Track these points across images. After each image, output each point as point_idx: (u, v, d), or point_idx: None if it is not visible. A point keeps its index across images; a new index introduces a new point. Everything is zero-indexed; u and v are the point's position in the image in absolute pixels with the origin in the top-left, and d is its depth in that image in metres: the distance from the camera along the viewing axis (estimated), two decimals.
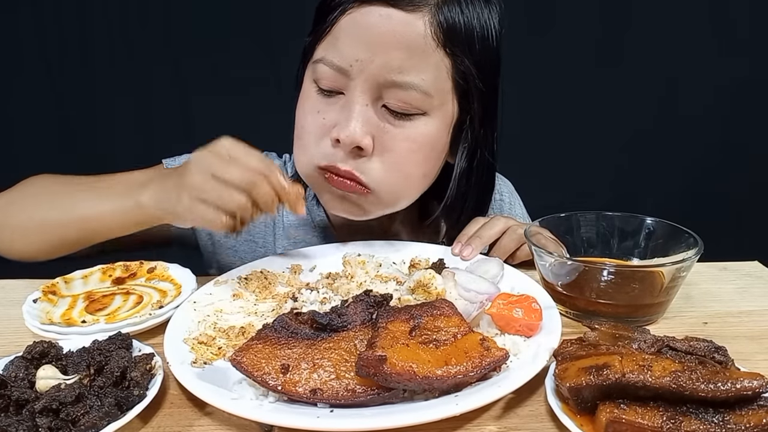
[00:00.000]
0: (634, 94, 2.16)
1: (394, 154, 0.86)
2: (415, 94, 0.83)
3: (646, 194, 2.19)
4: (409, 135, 0.86)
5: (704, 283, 0.89)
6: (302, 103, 0.90)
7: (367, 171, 0.86)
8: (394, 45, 0.80)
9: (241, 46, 2.05)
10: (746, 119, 2.22)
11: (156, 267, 0.91)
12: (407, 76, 0.82)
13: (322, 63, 0.84)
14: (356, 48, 0.81)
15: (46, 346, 0.64)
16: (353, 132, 0.82)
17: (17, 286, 0.92)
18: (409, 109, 0.84)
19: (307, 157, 0.89)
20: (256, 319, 0.76)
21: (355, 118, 0.82)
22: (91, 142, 2.14)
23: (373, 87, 0.83)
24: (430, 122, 0.86)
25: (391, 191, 0.89)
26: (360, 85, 0.82)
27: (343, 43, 0.83)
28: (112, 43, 2.07)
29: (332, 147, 0.85)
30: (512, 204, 1.19)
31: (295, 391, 0.57)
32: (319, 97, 0.87)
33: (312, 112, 0.88)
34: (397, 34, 0.80)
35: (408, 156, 0.87)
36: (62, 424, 0.54)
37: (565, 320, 0.74)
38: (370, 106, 0.84)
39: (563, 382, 0.55)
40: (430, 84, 0.83)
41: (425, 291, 0.75)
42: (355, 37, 0.82)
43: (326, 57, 0.84)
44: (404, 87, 0.82)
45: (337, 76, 0.84)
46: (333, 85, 0.85)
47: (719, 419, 0.50)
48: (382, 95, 0.83)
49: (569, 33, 2.08)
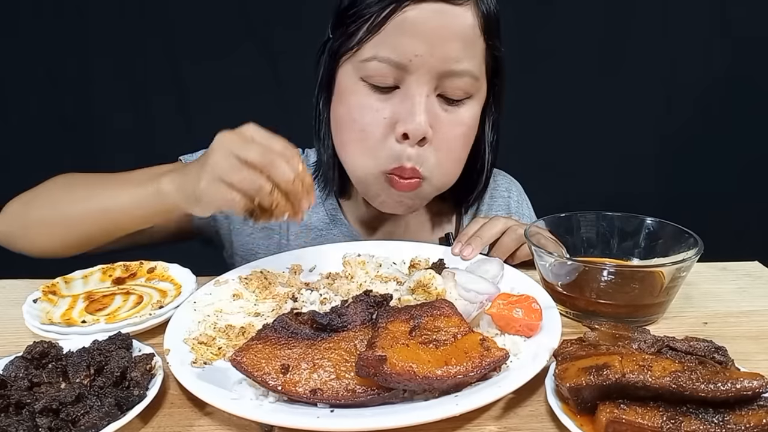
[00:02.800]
0: (634, 95, 2.16)
1: (447, 140, 0.92)
2: (468, 80, 0.90)
3: (646, 194, 2.19)
4: (460, 119, 0.93)
5: (704, 283, 0.89)
6: (351, 103, 0.92)
7: (425, 161, 0.91)
8: (449, 37, 0.86)
9: (241, 45, 2.05)
10: (746, 119, 2.22)
11: (156, 267, 0.91)
12: (462, 64, 0.88)
13: (376, 60, 0.88)
14: (415, 43, 0.86)
15: (46, 346, 0.64)
16: (420, 124, 0.87)
17: (17, 286, 0.92)
18: (463, 95, 0.92)
19: (372, 161, 0.92)
20: (256, 319, 0.76)
21: (420, 110, 0.88)
22: (92, 142, 2.14)
23: (432, 78, 0.88)
24: (475, 104, 0.95)
25: (443, 175, 0.96)
26: (420, 77, 0.87)
27: (399, 40, 0.86)
28: (112, 43, 2.07)
29: (398, 144, 0.90)
30: (520, 203, 1.20)
31: (295, 391, 0.57)
32: (374, 95, 0.90)
33: (369, 110, 0.91)
34: (451, 27, 0.86)
35: (459, 139, 0.95)
36: (62, 424, 0.54)
37: (565, 320, 0.74)
38: (430, 96, 0.89)
39: (563, 382, 0.55)
40: (479, 69, 0.92)
41: (425, 291, 0.75)
42: (412, 33, 0.86)
43: (380, 54, 0.88)
44: (460, 74, 0.89)
45: (394, 72, 0.88)
46: (389, 80, 0.89)
47: (719, 419, 0.50)
48: (439, 85, 0.89)
49: (570, 34, 2.08)
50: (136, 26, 2.06)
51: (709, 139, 2.22)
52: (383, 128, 0.90)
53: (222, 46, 2.05)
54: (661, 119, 2.22)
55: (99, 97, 2.12)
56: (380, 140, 0.90)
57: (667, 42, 2.13)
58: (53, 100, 2.12)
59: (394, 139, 0.90)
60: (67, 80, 2.10)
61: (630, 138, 2.20)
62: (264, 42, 2.05)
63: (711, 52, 2.13)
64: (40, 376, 0.61)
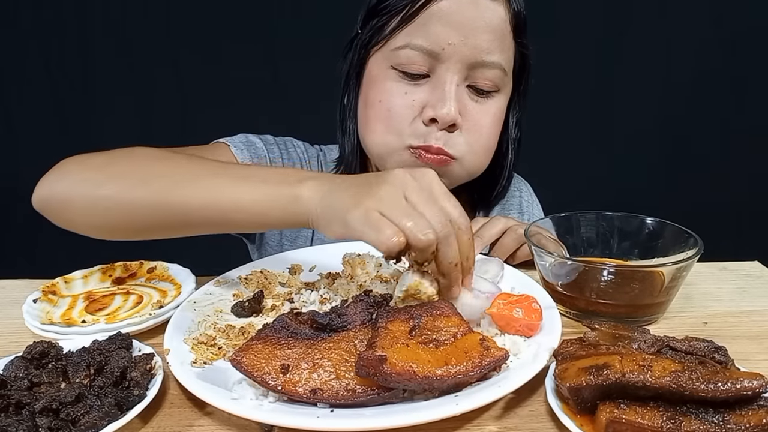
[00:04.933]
0: (634, 94, 2.16)
1: (477, 129, 0.95)
2: (498, 72, 0.93)
3: (646, 194, 2.18)
4: (489, 110, 0.96)
5: (704, 283, 0.89)
6: (381, 87, 0.95)
7: (455, 145, 0.93)
8: (483, 29, 0.89)
9: (241, 45, 2.05)
10: (746, 119, 2.22)
11: (156, 267, 0.91)
12: (493, 56, 0.91)
13: (409, 48, 0.91)
14: (448, 32, 0.89)
15: (46, 346, 0.64)
16: (450, 110, 0.90)
17: (17, 286, 0.92)
18: (492, 86, 0.94)
19: (397, 137, 0.94)
20: (256, 319, 0.76)
21: (450, 98, 0.90)
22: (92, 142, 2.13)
23: (463, 68, 0.91)
24: (502, 98, 0.98)
25: (472, 161, 0.97)
26: (452, 66, 0.90)
27: (433, 29, 0.89)
28: (111, 43, 2.07)
29: (425, 126, 0.92)
30: (531, 203, 1.21)
31: (295, 391, 0.57)
32: (405, 80, 0.93)
33: (399, 94, 0.93)
34: (485, 19, 0.90)
35: (488, 130, 0.97)
36: (62, 424, 0.54)
37: (565, 320, 0.74)
38: (461, 85, 0.92)
39: (563, 382, 0.55)
40: (508, 63, 0.95)
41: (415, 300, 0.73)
42: (446, 22, 0.89)
43: (413, 42, 0.90)
44: (491, 66, 0.92)
45: (426, 60, 0.91)
46: (421, 68, 0.91)
47: (719, 419, 0.50)
48: (470, 75, 0.92)
49: (570, 34, 2.08)
50: (135, 26, 2.06)
51: (710, 139, 2.22)
52: (411, 110, 0.93)
53: (222, 46, 2.05)
54: (661, 119, 2.22)
55: (99, 97, 2.12)
56: (407, 120, 0.93)
57: (668, 42, 2.13)
58: (53, 100, 2.12)
59: (421, 122, 0.92)
60: (68, 80, 2.10)
61: (630, 138, 2.21)
62: (265, 43, 2.05)
63: (711, 52, 2.13)
64: (40, 376, 0.61)
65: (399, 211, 0.63)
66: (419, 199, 0.65)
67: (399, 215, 0.63)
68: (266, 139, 1.11)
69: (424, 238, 0.62)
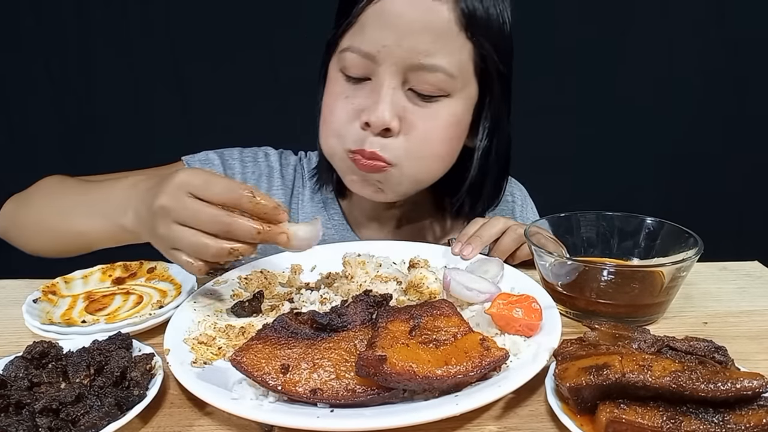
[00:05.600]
0: (634, 94, 2.16)
1: (418, 133, 0.90)
2: (440, 75, 0.87)
3: (646, 194, 2.19)
4: (433, 115, 0.90)
5: (704, 283, 0.89)
6: (329, 91, 0.95)
7: (392, 149, 0.90)
8: (420, 30, 0.85)
9: (241, 44, 2.05)
10: (746, 119, 2.22)
11: (156, 267, 0.91)
12: (433, 59, 0.86)
13: (349, 51, 0.89)
14: (383, 34, 0.85)
15: (46, 346, 0.64)
16: (382, 115, 0.86)
17: (17, 286, 0.92)
18: (434, 91, 0.89)
19: (336, 140, 0.93)
20: (256, 319, 0.76)
21: (384, 101, 0.87)
22: (92, 142, 2.14)
23: (399, 71, 0.87)
24: (453, 103, 0.91)
25: (412, 167, 0.93)
26: (387, 69, 0.87)
27: (370, 31, 0.87)
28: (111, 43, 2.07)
29: (361, 130, 0.90)
30: (524, 207, 1.20)
31: (295, 391, 0.57)
32: (347, 84, 0.91)
33: (340, 98, 0.92)
34: (423, 20, 0.85)
35: (431, 135, 0.91)
36: (62, 424, 0.54)
37: (565, 320, 0.74)
38: (398, 89, 0.88)
39: (563, 382, 0.55)
40: (454, 66, 0.88)
41: (417, 291, 0.75)
42: (382, 24, 0.86)
43: (353, 45, 0.88)
44: (430, 69, 0.86)
45: (364, 63, 0.88)
46: (360, 71, 0.89)
47: (719, 419, 0.50)
48: (409, 78, 0.88)
49: (570, 34, 2.08)
50: (135, 25, 2.06)
51: (709, 139, 2.22)
52: (350, 114, 0.91)
53: (222, 46, 2.05)
54: (661, 119, 2.22)
55: (99, 97, 2.12)
56: (346, 123, 0.91)
57: (667, 41, 2.13)
58: (53, 100, 2.12)
59: (359, 126, 0.90)
60: (68, 80, 2.10)
61: (630, 138, 2.20)
62: (265, 43, 2.05)
63: (711, 52, 2.13)
64: (40, 376, 0.61)
65: (180, 242, 0.69)
66: (189, 218, 0.68)
67: (183, 246, 0.69)
68: (228, 155, 1.11)
69: (209, 255, 0.68)
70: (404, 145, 0.90)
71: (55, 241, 0.93)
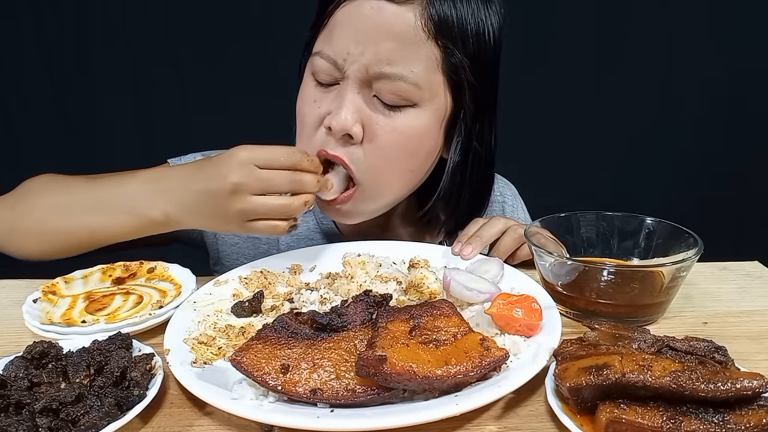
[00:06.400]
0: (634, 94, 2.16)
1: (381, 143, 0.87)
2: (404, 85, 0.84)
3: (646, 194, 2.19)
4: (398, 125, 0.87)
5: (704, 283, 0.89)
6: (301, 95, 0.94)
7: (355, 159, 0.88)
8: (384, 36, 0.82)
9: (240, 44, 2.05)
10: (746, 119, 2.22)
11: (156, 267, 0.91)
12: (396, 68, 0.83)
13: (319, 56, 0.88)
14: (348, 40, 0.84)
15: (46, 346, 0.64)
16: (344, 119, 0.85)
17: (17, 286, 0.92)
18: (398, 100, 0.86)
19: (307, 143, 0.92)
20: (256, 319, 0.76)
21: (346, 107, 0.85)
22: (92, 142, 2.14)
23: (363, 78, 0.85)
24: (421, 114, 0.88)
25: (376, 182, 0.90)
26: (352, 76, 0.85)
27: (336, 36, 0.85)
28: (111, 42, 2.07)
29: (326, 134, 0.89)
30: (515, 207, 1.19)
31: (295, 391, 0.57)
32: (317, 89, 0.90)
33: (309, 102, 0.91)
34: (387, 26, 0.82)
35: (395, 146, 0.88)
36: (62, 424, 0.54)
37: (565, 320, 0.74)
38: (362, 96, 0.86)
39: (563, 382, 0.55)
40: (420, 75, 0.84)
41: (417, 291, 0.75)
42: (347, 29, 0.84)
43: (323, 50, 0.87)
44: (393, 78, 0.84)
45: (331, 69, 0.87)
46: (328, 77, 0.88)
47: (719, 419, 0.50)
48: (373, 86, 0.86)
49: (569, 34, 2.08)
50: (135, 25, 2.06)
51: (709, 139, 2.22)
52: (316, 119, 0.89)
53: (222, 45, 2.05)
54: (661, 119, 2.22)
55: (99, 97, 2.12)
56: (313, 129, 0.90)
57: (666, 41, 2.13)
58: (53, 100, 2.12)
59: (323, 130, 0.89)
60: (68, 80, 2.10)
61: (630, 138, 2.20)
62: (265, 42, 2.05)
63: (710, 51, 2.13)
64: (40, 376, 0.61)
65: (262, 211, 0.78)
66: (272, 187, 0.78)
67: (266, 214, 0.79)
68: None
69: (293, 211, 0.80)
70: (367, 156, 0.87)
71: (57, 241, 0.90)
